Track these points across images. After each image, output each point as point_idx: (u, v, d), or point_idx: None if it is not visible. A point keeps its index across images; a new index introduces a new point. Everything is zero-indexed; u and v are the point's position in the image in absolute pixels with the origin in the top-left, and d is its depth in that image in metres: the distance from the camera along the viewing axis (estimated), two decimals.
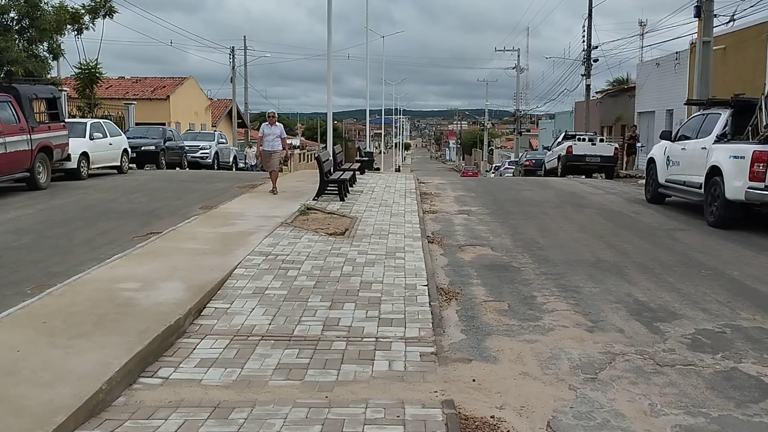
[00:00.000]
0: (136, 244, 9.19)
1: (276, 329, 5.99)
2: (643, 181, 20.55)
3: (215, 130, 35.22)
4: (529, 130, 70.34)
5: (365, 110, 44.66)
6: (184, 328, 5.93)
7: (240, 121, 48.61)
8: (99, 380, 4.49)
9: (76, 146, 17.81)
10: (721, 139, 12.10)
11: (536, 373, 5.12)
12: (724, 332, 6.13)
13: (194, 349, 5.53)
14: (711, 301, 7.13)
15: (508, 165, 43.80)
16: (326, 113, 21.13)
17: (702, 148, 12.46)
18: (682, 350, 5.65)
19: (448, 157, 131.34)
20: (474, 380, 4.96)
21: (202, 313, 6.37)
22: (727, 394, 4.78)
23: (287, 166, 21.76)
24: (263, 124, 15.01)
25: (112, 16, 27.23)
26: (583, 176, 25.45)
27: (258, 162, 27.81)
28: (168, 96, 38.27)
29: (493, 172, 51.73)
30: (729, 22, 22.73)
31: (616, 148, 26.21)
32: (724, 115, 12.36)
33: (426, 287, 7.28)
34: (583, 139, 26.00)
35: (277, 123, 14.64)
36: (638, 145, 27.73)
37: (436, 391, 4.72)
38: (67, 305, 6.18)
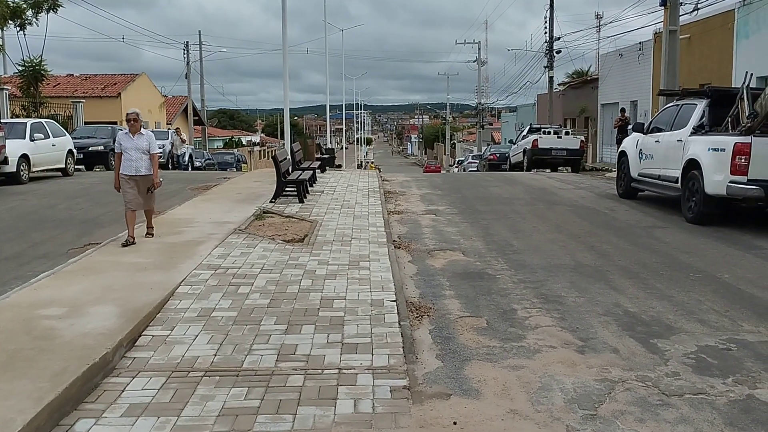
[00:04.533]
0: (71, 257, 8.24)
1: (222, 361, 5.15)
2: (611, 174, 20.11)
3: (170, 128, 33.91)
4: (491, 124, 70.00)
5: (325, 105, 43.72)
6: (113, 364, 5.05)
7: (196, 118, 47.27)
8: None
9: (14, 148, 16.67)
10: (698, 130, 11.55)
11: (527, 410, 4.37)
12: (730, 349, 5.47)
13: (123, 391, 4.65)
14: (707, 310, 6.49)
15: (472, 159, 43.21)
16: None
17: (678, 140, 11.90)
18: (687, 374, 4.96)
19: (410, 152, 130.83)
20: (455, 423, 4.19)
21: (136, 344, 5.49)
22: (750, 431, 4.09)
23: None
24: (119, 132, 9.51)
25: (56, 10, 25.96)
26: (549, 170, 24.96)
27: (180, 155, 26.06)
28: (119, 93, 36.75)
29: (456, 167, 51.17)
30: (693, 11, 22.42)
31: (582, 141, 25.75)
32: (701, 105, 11.81)
33: (394, 303, 6.49)
34: (549, 132, 25.48)
35: (143, 131, 9.24)
36: (629, 128, 27.16)
37: None
38: None
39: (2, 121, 17.75)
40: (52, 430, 4.09)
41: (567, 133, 26.41)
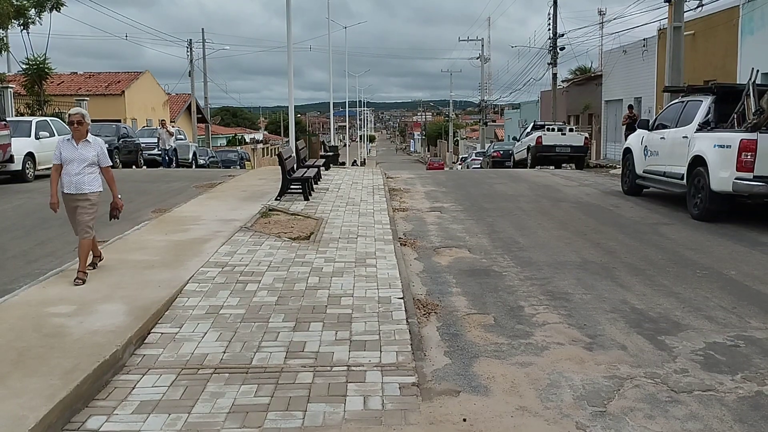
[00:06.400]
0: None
1: (231, 358, 5.17)
2: (615, 171, 20.09)
3: (173, 126, 33.89)
4: (494, 121, 69.94)
5: (328, 103, 43.62)
6: (123, 361, 5.07)
7: (200, 116, 47.28)
8: None
9: (20, 146, 16.73)
10: (703, 127, 11.54)
11: (536, 407, 4.39)
12: (738, 345, 5.48)
13: (133, 388, 4.67)
14: (714, 307, 6.49)
15: (476, 156, 43.17)
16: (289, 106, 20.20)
17: (683, 137, 11.89)
18: (696, 371, 4.96)
19: (413, 149, 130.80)
20: (465, 420, 4.20)
21: (146, 341, 5.52)
22: (759, 428, 4.10)
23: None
24: (61, 139, 7.25)
25: (59, 9, 26.01)
26: (553, 167, 24.94)
27: (167, 150, 25.42)
28: (123, 91, 36.85)
29: (459, 164, 51.09)
30: (698, 7, 22.40)
31: (586, 138, 25.73)
32: (706, 102, 11.79)
33: (402, 300, 6.51)
34: (553, 129, 25.46)
35: (90, 137, 7.12)
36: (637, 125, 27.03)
37: None
38: None
39: (7, 119, 17.79)
40: (64, 427, 4.12)
41: (571, 130, 26.38)
